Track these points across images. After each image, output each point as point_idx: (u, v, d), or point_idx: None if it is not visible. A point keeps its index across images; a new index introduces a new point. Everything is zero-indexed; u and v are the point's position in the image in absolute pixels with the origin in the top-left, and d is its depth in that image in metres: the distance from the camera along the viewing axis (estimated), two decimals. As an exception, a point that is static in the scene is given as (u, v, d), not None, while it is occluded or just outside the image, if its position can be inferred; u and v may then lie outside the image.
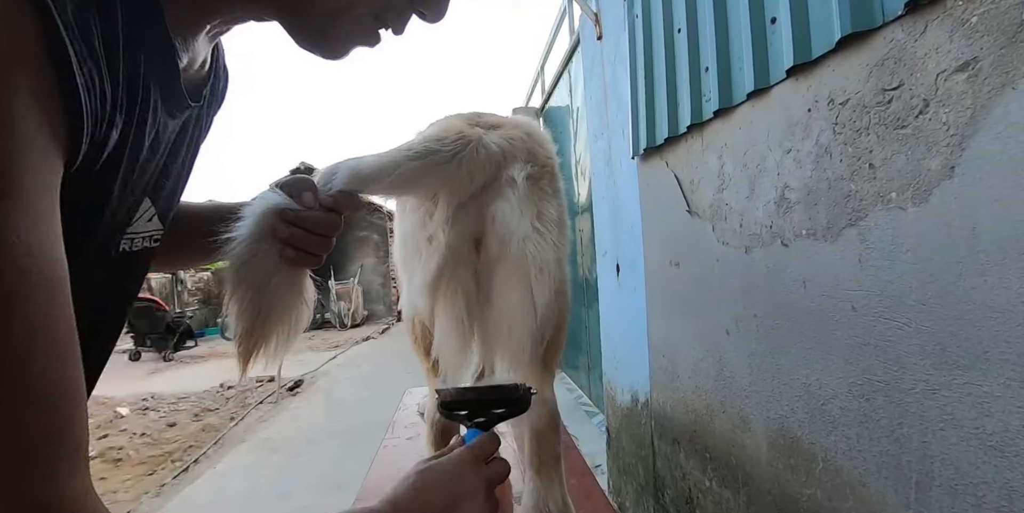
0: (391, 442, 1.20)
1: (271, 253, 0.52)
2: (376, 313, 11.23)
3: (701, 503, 1.33)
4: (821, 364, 0.88)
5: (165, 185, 0.47)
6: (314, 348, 8.03)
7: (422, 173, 0.62)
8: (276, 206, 0.52)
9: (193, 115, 0.49)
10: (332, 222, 0.54)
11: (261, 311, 0.53)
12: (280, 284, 0.53)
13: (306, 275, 0.58)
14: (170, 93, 0.42)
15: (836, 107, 0.82)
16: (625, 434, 1.98)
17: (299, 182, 0.55)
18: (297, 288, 0.56)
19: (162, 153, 0.45)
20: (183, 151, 0.49)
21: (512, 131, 0.73)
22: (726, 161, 1.15)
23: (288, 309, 0.56)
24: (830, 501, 0.87)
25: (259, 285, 0.52)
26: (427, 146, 0.63)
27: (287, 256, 0.53)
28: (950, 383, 0.65)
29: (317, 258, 0.55)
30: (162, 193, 0.47)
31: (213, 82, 0.53)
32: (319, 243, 0.54)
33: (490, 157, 0.68)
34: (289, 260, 0.53)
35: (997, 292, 0.59)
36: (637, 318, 1.75)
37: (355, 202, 0.56)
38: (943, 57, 0.64)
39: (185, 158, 0.51)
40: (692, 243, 1.33)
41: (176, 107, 0.44)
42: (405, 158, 0.61)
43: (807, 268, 0.91)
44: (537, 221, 0.72)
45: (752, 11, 0.98)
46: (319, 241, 0.54)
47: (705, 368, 1.29)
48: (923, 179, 0.67)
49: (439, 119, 0.81)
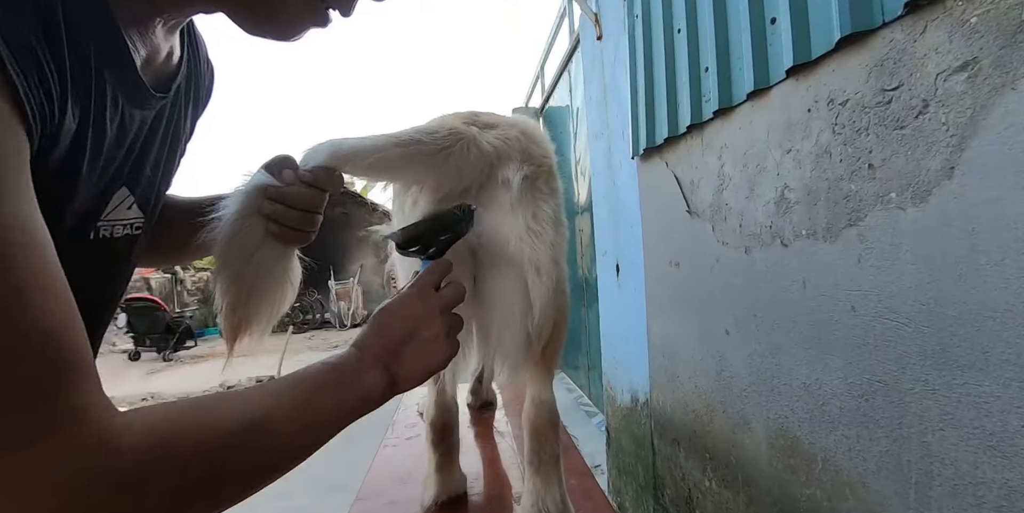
0: (391, 442, 1.20)
1: (256, 229, 0.54)
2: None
3: (701, 503, 1.33)
4: (821, 364, 0.88)
5: (142, 175, 0.49)
6: (314, 348, 8.02)
7: (404, 160, 0.62)
8: (259, 184, 0.55)
9: (167, 106, 0.51)
10: (312, 197, 0.56)
11: (245, 285, 0.55)
12: (265, 259, 0.55)
13: (293, 255, 0.60)
14: (128, 84, 0.43)
15: (836, 107, 0.82)
16: (625, 434, 1.98)
17: (281, 160, 0.57)
18: (282, 265, 0.58)
19: (132, 143, 0.46)
20: (159, 141, 0.51)
21: (508, 131, 0.73)
22: (726, 161, 1.15)
23: (272, 285, 0.57)
24: (830, 501, 0.87)
25: (244, 260, 0.54)
26: (414, 136, 0.63)
27: (272, 231, 0.55)
28: (950, 383, 0.65)
29: (302, 234, 0.57)
30: (140, 182, 0.49)
31: (189, 75, 0.54)
32: (301, 218, 0.56)
33: (482, 156, 0.68)
34: (274, 235, 0.55)
35: (997, 292, 0.59)
36: (637, 318, 1.75)
37: (334, 179, 0.58)
38: (943, 57, 0.64)
39: (164, 149, 0.52)
40: (692, 243, 1.33)
41: (139, 98, 0.45)
42: (390, 143, 0.61)
43: (807, 268, 0.91)
44: (533, 221, 0.72)
45: (752, 11, 0.98)
46: (301, 216, 0.56)
47: (705, 368, 1.29)
48: (923, 179, 0.67)
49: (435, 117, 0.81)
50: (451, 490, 0.90)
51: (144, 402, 4.86)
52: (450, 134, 0.65)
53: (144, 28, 0.45)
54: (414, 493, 0.92)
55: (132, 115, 0.45)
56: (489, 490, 0.96)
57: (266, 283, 0.56)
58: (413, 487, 0.94)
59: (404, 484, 0.97)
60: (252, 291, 0.55)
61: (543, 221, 0.73)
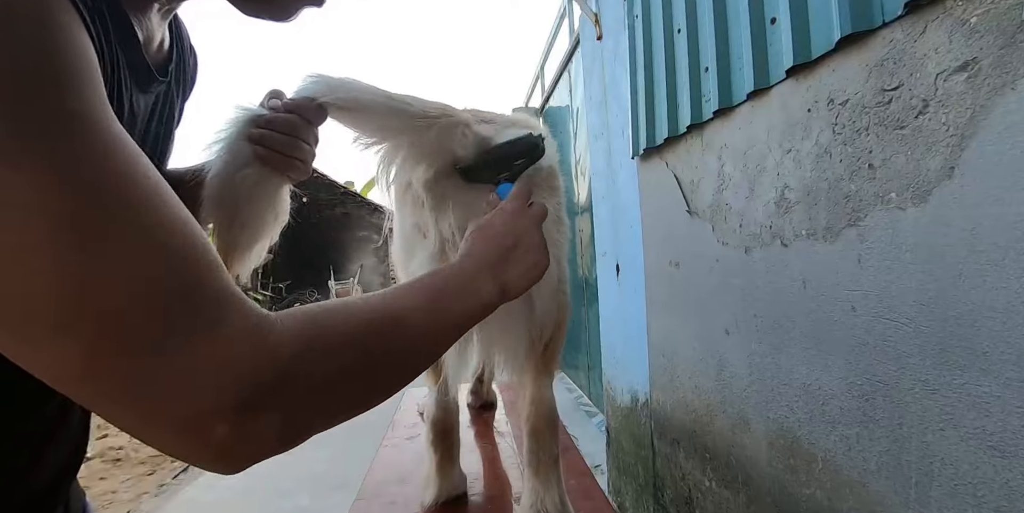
0: (391, 442, 1.20)
1: (243, 152, 0.57)
2: (376, 313, 11.18)
3: (701, 503, 1.33)
4: (821, 364, 0.88)
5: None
6: (314, 348, 8.02)
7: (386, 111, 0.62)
8: (248, 113, 0.58)
9: (162, 91, 0.52)
10: (296, 122, 0.59)
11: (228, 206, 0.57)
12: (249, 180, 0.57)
13: (281, 184, 0.62)
14: (137, 66, 0.44)
15: (836, 107, 0.82)
16: (625, 434, 1.98)
17: (271, 92, 0.60)
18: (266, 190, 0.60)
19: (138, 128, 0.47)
20: (155, 127, 0.52)
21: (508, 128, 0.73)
22: (726, 161, 1.15)
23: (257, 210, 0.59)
24: (830, 501, 0.87)
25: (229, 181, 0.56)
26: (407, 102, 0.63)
27: (259, 154, 0.57)
28: (950, 383, 0.65)
29: (291, 160, 0.59)
30: None
31: (178, 61, 0.55)
32: (286, 142, 0.58)
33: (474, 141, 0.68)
34: (261, 158, 0.57)
35: (997, 292, 0.59)
36: (637, 318, 1.75)
37: (317, 109, 0.60)
38: (943, 57, 0.64)
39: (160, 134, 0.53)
40: (692, 243, 1.33)
41: (145, 81, 0.46)
42: (381, 96, 0.61)
43: (807, 268, 0.91)
44: None
45: (752, 11, 0.98)
46: (286, 139, 0.58)
47: (705, 368, 1.29)
48: (923, 179, 0.67)
49: None
50: (451, 490, 0.90)
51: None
52: (443, 112, 0.65)
53: (142, 13, 0.46)
54: (414, 493, 0.92)
55: (138, 99, 0.46)
56: (489, 490, 0.96)
57: (250, 208, 0.58)
58: (413, 487, 0.94)
59: (404, 484, 0.97)
60: (236, 215, 0.57)
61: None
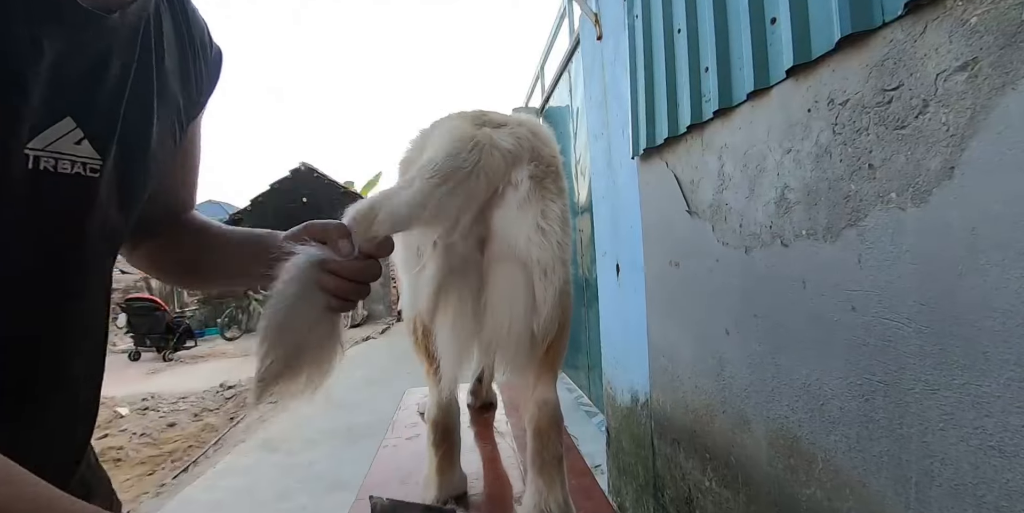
0: (391, 442, 1.20)
1: (316, 305, 0.52)
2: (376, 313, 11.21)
3: (701, 503, 1.33)
4: (821, 364, 0.88)
5: (92, 107, 0.45)
6: (314, 348, 8.02)
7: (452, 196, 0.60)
8: (318, 258, 0.52)
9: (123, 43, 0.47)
10: (373, 270, 0.54)
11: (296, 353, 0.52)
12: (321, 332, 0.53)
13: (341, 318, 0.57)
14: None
15: (836, 107, 0.82)
16: (625, 434, 1.98)
17: (334, 229, 0.54)
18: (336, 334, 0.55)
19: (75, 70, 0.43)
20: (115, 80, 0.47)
21: (517, 129, 0.73)
22: (726, 161, 1.15)
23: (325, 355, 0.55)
24: (830, 501, 0.87)
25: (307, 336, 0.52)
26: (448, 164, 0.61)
27: (332, 306, 0.53)
28: (950, 383, 0.65)
29: (354, 303, 0.55)
30: (91, 116, 0.45)
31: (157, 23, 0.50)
32: (359, 291, 0.54)
33: (504, 157, 0.68)
34: (332, 309, 0.53)
35: (997, 292, 0.59)
36: (637, 318, 1.75)
37: (392, 245, 0.56)
38: (943, 57, 0.64)
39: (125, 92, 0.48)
40: (692, 243, 1.33)
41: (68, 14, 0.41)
42: (432, 186, 0.58)
43: (807, 268, 0.91)
44: (543, 220, 0.72)
45: (752, 11, 0.98)
46: (360, 289, 0.54)
47: (705, 368, 1.29)
48: (923, 179, 0.67)
49: (442, 118, 0.81)
50: (452, 490, 0.90)
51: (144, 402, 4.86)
52: (473, 146, 0.63)
53: None
54: (414, 493, 0.92)
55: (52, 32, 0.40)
56: (489, 490, 0.96)
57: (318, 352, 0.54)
58: (413, 487, 0.94)
59: (404, 484, 0.97)
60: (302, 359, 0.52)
61: (552, 220, 0.73)
